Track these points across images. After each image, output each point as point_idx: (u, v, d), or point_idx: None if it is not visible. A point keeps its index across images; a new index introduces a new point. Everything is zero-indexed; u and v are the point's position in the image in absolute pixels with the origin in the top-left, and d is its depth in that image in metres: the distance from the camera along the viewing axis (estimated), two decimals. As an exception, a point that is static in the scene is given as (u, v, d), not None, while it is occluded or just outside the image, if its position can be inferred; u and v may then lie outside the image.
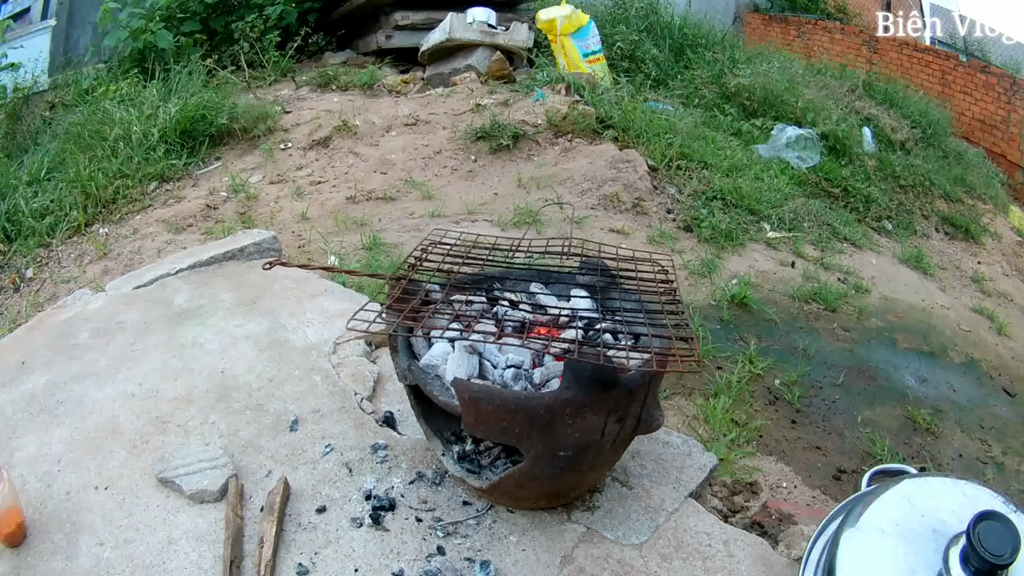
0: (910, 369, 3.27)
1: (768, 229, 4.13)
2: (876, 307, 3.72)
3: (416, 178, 3.95)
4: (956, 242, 5.39)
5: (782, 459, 2.47)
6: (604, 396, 1.23)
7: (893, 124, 6.44)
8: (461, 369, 1.36)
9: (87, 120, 4.24)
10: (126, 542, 1.41)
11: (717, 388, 2.66)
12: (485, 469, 1.47)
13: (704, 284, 3.40)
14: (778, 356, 3.01)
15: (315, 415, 1.76)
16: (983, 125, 9.16)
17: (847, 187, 5.07)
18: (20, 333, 2.21)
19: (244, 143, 4.37)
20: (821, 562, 1.16)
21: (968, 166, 6.89)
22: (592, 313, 1.48)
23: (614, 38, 6.48)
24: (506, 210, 3.61)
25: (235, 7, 5.95)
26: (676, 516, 1.50)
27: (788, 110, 5.87)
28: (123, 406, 1.79)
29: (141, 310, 2.25)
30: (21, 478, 1.56)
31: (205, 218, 3.55)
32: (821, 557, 1.18)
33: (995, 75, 9.08)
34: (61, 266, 3.34)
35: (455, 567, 1.35)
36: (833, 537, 1.14)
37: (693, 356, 1.22)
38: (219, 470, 1.54)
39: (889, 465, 1.38)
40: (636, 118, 4.61)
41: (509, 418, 1.25)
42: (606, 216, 3.74)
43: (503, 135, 4.27)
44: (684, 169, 4.39)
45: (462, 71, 5.42)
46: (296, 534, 1.42)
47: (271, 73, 5.51)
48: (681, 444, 1.72)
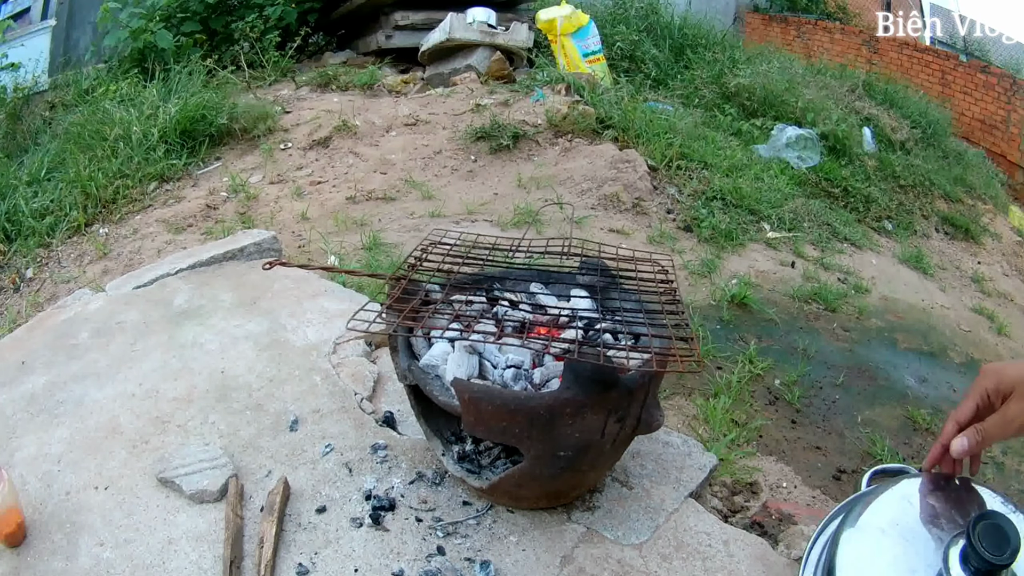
0: (910, 369, 3.27)
1: (768, 229, 4.13)
2: (876, 307, 3.72)
3: (416, 178, 3.95)
4: (956, 242, 5.40)
5: (782, 459, 2.47)
6: (604, 396, 1.23)
7: (893, 124, 6.45)
8: (461, 369, 1.36)
9: (87, 120, 4.24)
10: (126, 542, 1.40)
11: (717, 388, 2.66)
12: (485, 469, 1.47)
13: (704, 284, 3.40)
14: (778, 356, 3.01)
15: (315, 415, 1.76)
16: (983, 125, 9.18)
17: (847, 187, 5.07)
18: (20, 333, 2.21)
19: (244, 143, 4.37)
20: (821, 562, 1.16)
21: (968, 166, 6.90)
22: (592, 313, 1.48)
23: (614, 38, 6.49)
24: (506, 210, 3.61)
25: (235, 7, 5.95)
26: (676, 516, 1.50)
27: (788, 110, 5.88)
28: (123, 406, 1.79)
29: (141, 310, 2.25)
30: (21, 478, 1.56)
31: (205, 218, 3.55)
32: (821, 557, 1.18)
33: (995, 75, 9.09)
34: (61, 266, 3.34)
35: (455, 567, 1.35)
36: (833, 537, 1.14)
37: (693, 356, 1.22)
38: (219, 470, 1.54)
39: (889, 465, 1.38)
40: (636, 118, 4.61)
41: (509, 418, 1.25)
42: (606, 216, 3.74)
43: (503, 135, 4.27)
44: (684, 169, 4.39)
45: (462, 71, 5.42)
46: (296, 534, 1.42)
47: (271, 73, 5.51)
48: (681, 444, 1.72)
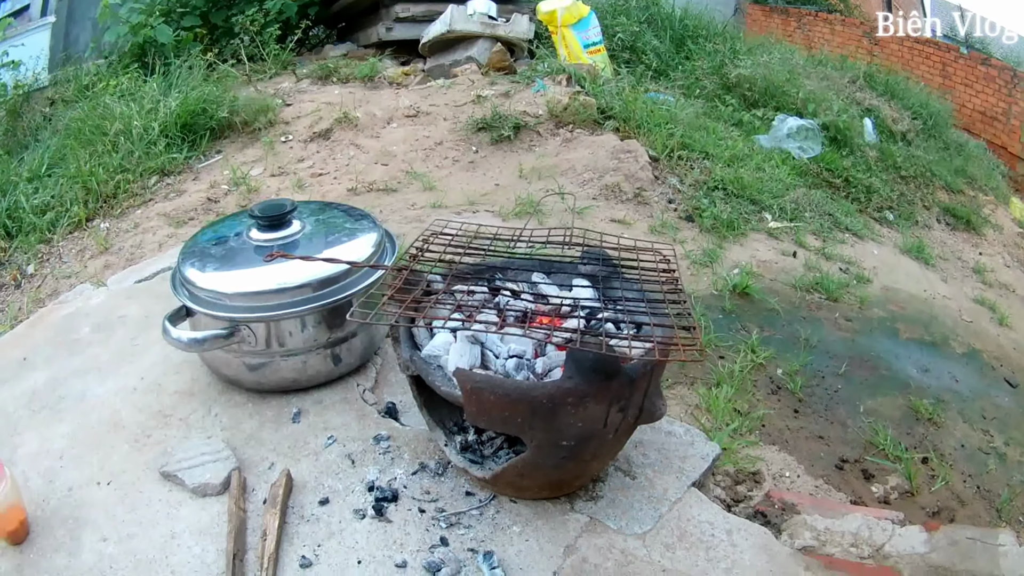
0: (912, 359, 3.27)
1: (769, 219, 4.12)
2: (878, 297, 3.72)
3: (417, 169, 3.94)
4: (957, 233, 5.39)
5: (785, 448, 2.47)
6: (606, 385, 1.23)
7: (894, 115, 6.44)
8: (463, 359, 1.36)
9: (87, 115, 4.23)
10: (129, 537, 1.41)
11: (719, 377, 2.65)
12: (488, 459, 1.47)
13: (706, 274, 3.39)
14: (780, 346, 3.01)
15: (317, 406, 1.76)
16: (984, 117, 9.16)
17: (848, 177, 5.06)
18: (21, 329, 2.21)
19: (245, 136, 4.36)
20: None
21: (969, 157, 6.88)
22: (594, 302, 1.48)
23: (615, 29, 6.47)
24: (507, 200, 3.60)
25: (235, 1, 5.93)
26: (679, 505, 1.50)
27: (789, 101, 5.86)
28: (125, 401, 1.80)
29: (142, 304, 2.25)
30: (23, 474, 1.56)
31: (206, 211, 3.55)
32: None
33: (996, 67, 9.08)
34: (62, 261, 3.34)
35: (458, 557, 1.35)
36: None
37: (695, 345, 1.21)
38: (221, 463, 1.54)
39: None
40: (637, 109, 4.60)
41: (511, 408, 1.25)
42: (607, 206, 3.73)
43: (504, 126, 4.25)
44: (685, 159, 4.38)
45: (463, 63, 5.40)
46: (299, 526, 1.42)
47: (271, 66, 5.49)
48: (684, 433, 1.72)
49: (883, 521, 1.57)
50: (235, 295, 1.65)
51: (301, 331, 1.69)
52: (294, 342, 1.70)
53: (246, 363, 1.72)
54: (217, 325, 1.65)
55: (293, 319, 1.66)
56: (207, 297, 1.67)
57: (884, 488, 2.40)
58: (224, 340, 1.63)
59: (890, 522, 1.57)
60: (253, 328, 1.65)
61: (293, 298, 1.65)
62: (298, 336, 1.69)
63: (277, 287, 1.65)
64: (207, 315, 1.66)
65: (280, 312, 1.64)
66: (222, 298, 1.66)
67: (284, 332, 1.68)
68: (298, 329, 1.68)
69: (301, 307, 1.65)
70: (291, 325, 1.67)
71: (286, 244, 1.75)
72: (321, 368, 1.78)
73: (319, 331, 1.71)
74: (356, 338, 1.80)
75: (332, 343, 1.75)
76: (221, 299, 1.66)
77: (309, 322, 1.69)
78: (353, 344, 1.81)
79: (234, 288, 1.66)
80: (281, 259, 1.61)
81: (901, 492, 2.40)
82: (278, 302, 1.64)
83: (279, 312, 1.64)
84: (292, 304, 1.65)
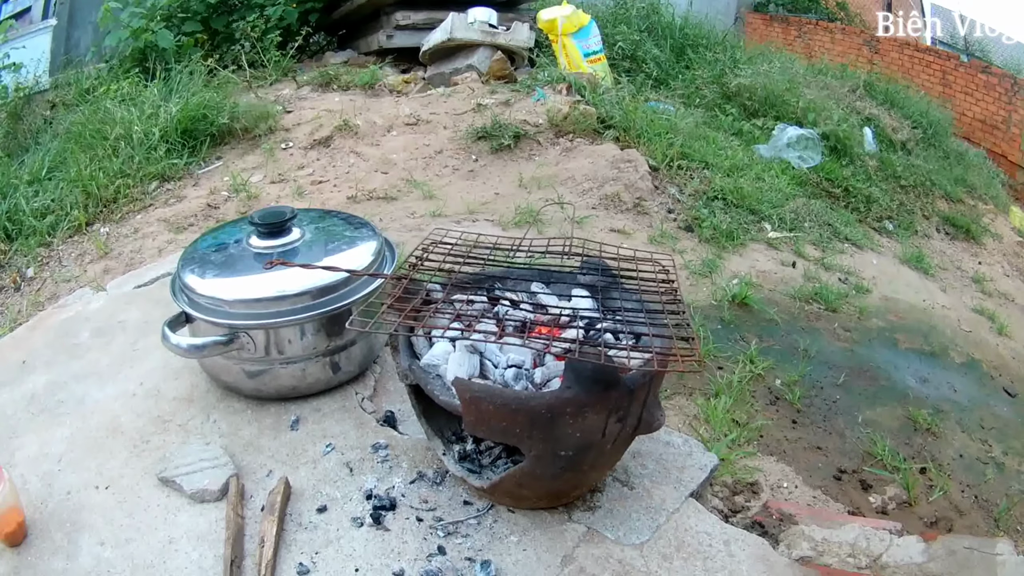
0: (911, 369, 3.27)
1: (769, 229, 4.13)
2: (877, 307, 3.72)
3: (417, 178, 3.94)
4: (957, 242, 5.39)
5: (783, 459, 2.47)
6: (605, 396, 1.23)
7: (894, 124, 6.45)
8: (462, 369, 1.36)
9: (88, 120, 4.24)
10: (127, 541, 1.41)
11: (718, 388, 2.65)
12: (486, 469, 1.47)
13: (705, 284, 3.40)
14: (779, 356, 3.01)
15: (316, 414, 1.76)
16: (984, 125, 9.18)
17: (848, 187, 5.07)
18: (21, 332, 2.21)
19: (245, 143, 4.37)
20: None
21: (969, 166, 6.90)
22: (593, 313, 1.48)
23: (615, 38, 6.49)
24: (507, 210, 3.60)
25: (236, 7, 5.95)
26: (677, 516, 1.50)
27: (789, 110, 5.87)
28: (124, 405, 1.80)
29: (142, 309, 2.25)
30: (22, 477, 1.56)
31: (206, 217, 3.55)
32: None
33: (996, 75, 9.10)
34: (62, 265, 3.34)
35: (456, 567, 1.35)
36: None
37: (694, 356, 1.22)
38: (220, 469, 1.54)
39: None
40: (637, 118, 4.61)
41: (510, 418, 1.25)
42: (607, 216, 3.74)
43: (504, 135, 4.26)
44: (685, 169, 4.39)
45: (463, 71, 5.42)
46: (297, 533, 1.42)
47: (272, 73, 5.50)
48: (682, 444, 1.72)
49: (881, 531, 1.57)
50: (235, 302, 1.66)
51: (300, 339, 1.69)
52: (293, 350, 1.70)
53: (245, 370, 1.73)
54: (216, 332, 1.65)
55: (292, 327, 1.67)
56: (207, 303, 1.67)
57: (882, 498, 2.40)
58: (223, 347, 1.64)
59: (888, 532, 1.57)
60: (252, 335, 1.65)
61: (292, 306, 1.65)
62: (297, 344, 1.69)
63: (276, 294, 1.65)
64: (206, 321, 1.66)
65: (279, 319, 1.65)
66: (222, 305, 1.66)
67: (283, 339, 1.68)
68: (297, 337, 1.69)
69: (300, 315, 1.65)
70: (290, 333, 1.68)
71: (286, 251, 1.76)
72: (320, 376, 1.78)
73: (318, 339, 1.71)
74: (355, 346, 1.80)
75: (331, 351, 1.75)
76: (221, 306, 1.66)
77: (308, 330, 1.69)
78: (352, 352, 1.81)
79: (234, 295, 1.67)
80: (281, 267, 1.61)
81: (899, 502, 2.40)
82: (277, 309, 1.65)
83: (278, 319, 1.64)
84: (291, 312, 1.65)
